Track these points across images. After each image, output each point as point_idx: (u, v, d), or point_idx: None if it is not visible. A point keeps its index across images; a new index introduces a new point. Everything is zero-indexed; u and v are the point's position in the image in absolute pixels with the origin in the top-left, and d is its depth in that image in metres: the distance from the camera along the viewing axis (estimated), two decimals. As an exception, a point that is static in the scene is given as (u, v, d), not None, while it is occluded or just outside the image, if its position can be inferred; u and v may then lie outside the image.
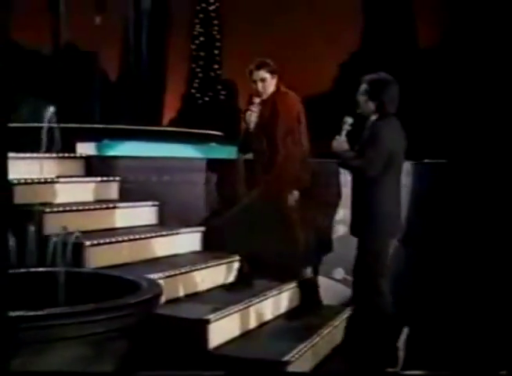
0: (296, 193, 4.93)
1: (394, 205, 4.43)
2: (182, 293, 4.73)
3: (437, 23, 12.03)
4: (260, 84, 4.88)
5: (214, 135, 11.53)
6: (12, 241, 3.77)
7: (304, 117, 4.96)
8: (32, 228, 4.37)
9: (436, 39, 12.37)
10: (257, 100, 4.94)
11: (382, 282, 4.36)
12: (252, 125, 4.93)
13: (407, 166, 5.18)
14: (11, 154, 5.12)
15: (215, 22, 14.82)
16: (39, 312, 2.81)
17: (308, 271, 5.12)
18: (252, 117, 4.93)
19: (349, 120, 4.40)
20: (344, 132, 4.38)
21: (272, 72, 4.90)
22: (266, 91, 4.91)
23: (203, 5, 14.64)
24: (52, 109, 4.89)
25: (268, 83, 4.89)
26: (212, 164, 5.90)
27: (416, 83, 11.07)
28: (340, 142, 4.36)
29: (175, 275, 4.69)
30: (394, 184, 4.42)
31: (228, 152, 7.08)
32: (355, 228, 4.49)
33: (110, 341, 3.00)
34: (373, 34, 13.01)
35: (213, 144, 10.78)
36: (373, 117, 4.43)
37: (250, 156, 5.12)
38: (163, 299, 3.91)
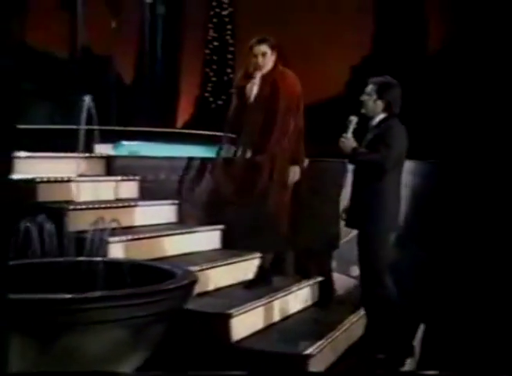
0: (297, 169, 4.92)
1: (396, 202, 4.54)
2: (204, 289, 4.80)
3: (447, 24, 12.08)
4: (260, 59, 4.92)
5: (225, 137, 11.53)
6: (47, 235, 3.88)
7: (303, 101, 4.98)
8: (56, 224, 4.47)
9: (444, 41, 12.43)
10: (258, 74, 4.96)
11: (385, 275, 4.44)
12: (252, 99, 4.95)
13: (409, 165, 5.25)
14: (45, 154, 5.41)
15: (229, 27, 14.84)
16: (81, 295, 2.90)
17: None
18: (254, 90, 4.95)
19: (354, 119, 4.50)
20: (350, 131, 4.47)
21: (272, 47, 4.95)
22: (266, 65, 4.94)
23: (217, 10, 14.68)
24: (88, 109, 5.07)
25: (268, 58, 4.94)
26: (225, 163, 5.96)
27: (424, 84, 11.12)
28: (349, 140, 4.45)
29: (197, 271, 4.75)
30: (397, 182, 4.52)
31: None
32: (353, 221, 4.60)
33: (147, 326, 3.08)
34: (384, 36, 13.08)
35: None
36: (381, 116, 4.53)
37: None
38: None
